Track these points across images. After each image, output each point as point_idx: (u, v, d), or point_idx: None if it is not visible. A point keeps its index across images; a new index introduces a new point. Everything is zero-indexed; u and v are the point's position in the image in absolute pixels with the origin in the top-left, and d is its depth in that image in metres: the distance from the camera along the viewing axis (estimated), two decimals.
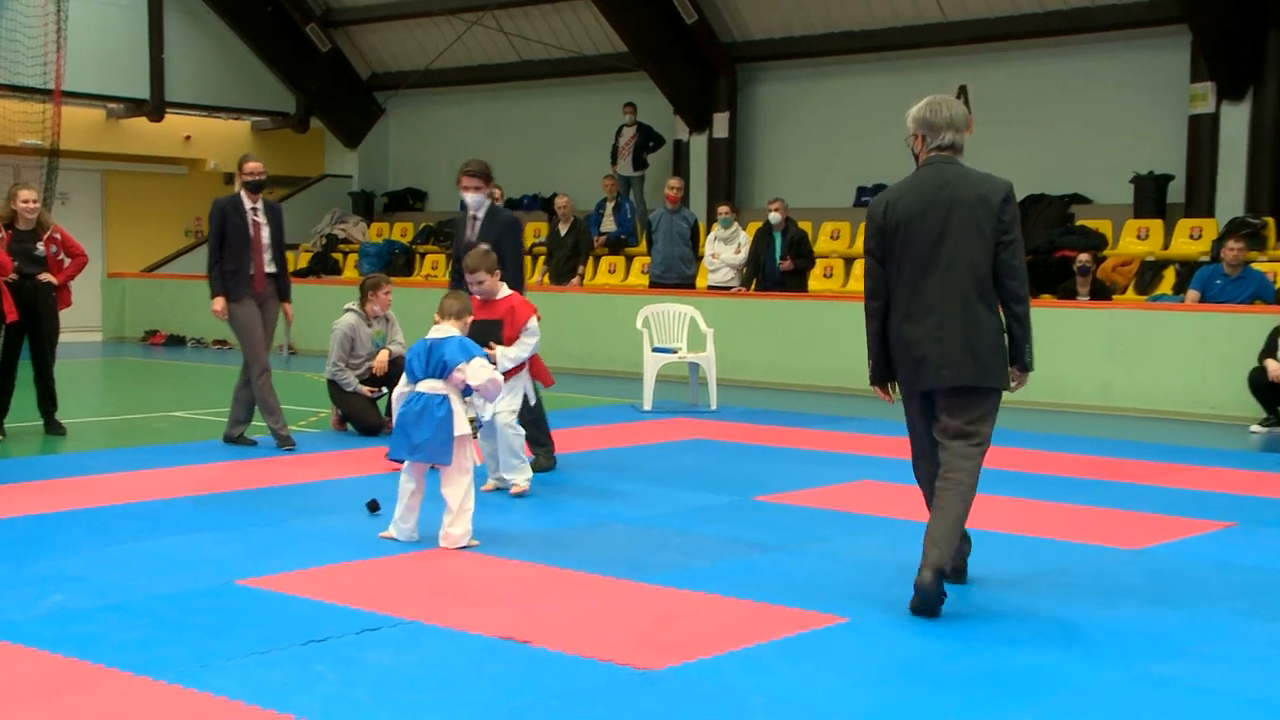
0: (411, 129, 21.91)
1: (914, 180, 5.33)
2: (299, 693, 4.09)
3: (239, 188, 9.13)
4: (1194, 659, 4.59)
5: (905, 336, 5.24)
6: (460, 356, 6.14)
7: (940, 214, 5.18)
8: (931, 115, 5.35)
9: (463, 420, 6.12)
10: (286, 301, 9.25)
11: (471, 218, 8.21)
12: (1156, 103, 14.89)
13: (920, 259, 5.19)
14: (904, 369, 5.30)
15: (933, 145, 5.33)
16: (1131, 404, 11.67)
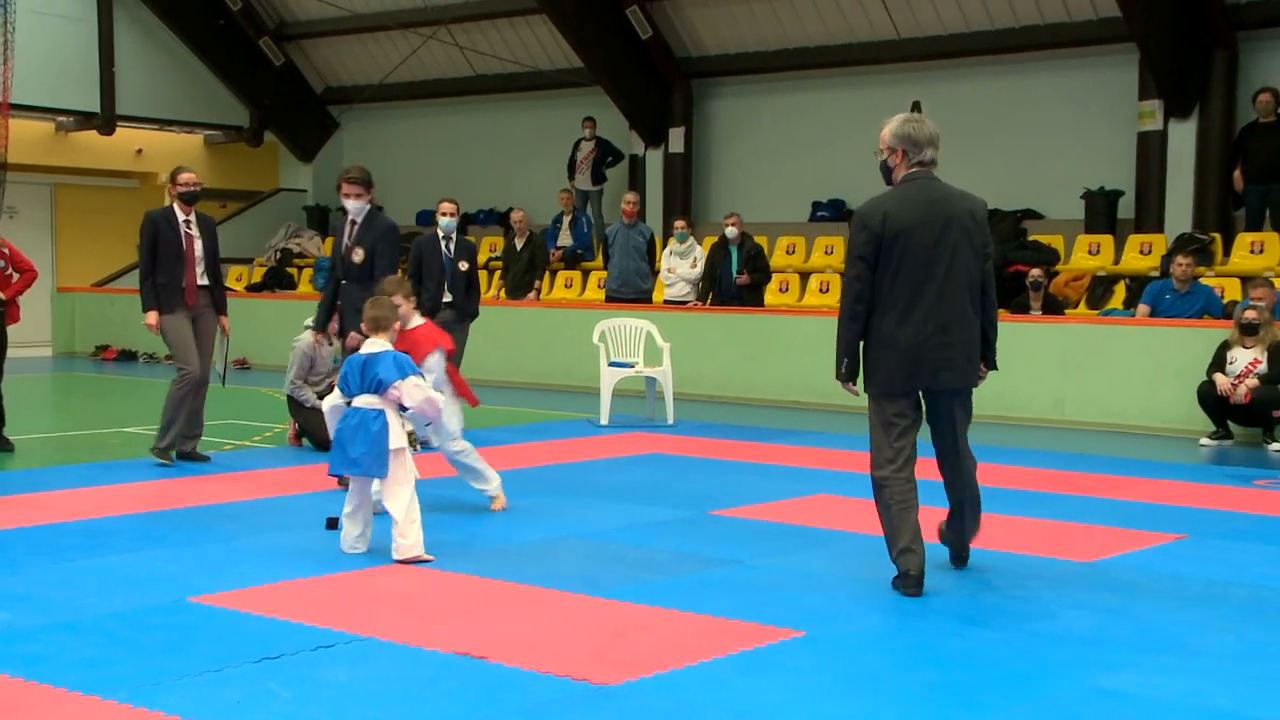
0: (366, 143, 21.83)
1: (904, 193, 5.61)
2: (253, 711, 4.05)
3: (172, 199, 9.06)
4: (1146, 671, 4.62)
5: (900, 340, 5.51)
6: (394, 375, 6.13)
7: (937, 227, 5.53)
8: (914, 132, 5.63)
9: (399, 433, 6.13)
10: (223, 315, 9.19)
11: (350, 222, 8.38)
12: (1107, 119, 15.08)
13: (920, 268, 5.49)
14: (894, 369, 5.54)
15: (914, 161, 5.63)
16: (1084, 418, 11.79)
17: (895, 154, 5.66)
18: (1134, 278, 13.74)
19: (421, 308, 10.93)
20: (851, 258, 5.60)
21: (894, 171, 5.69)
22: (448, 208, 10.97)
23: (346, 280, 8.42)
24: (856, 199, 16.77)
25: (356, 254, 8.21)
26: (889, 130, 5.67)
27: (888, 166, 5.72)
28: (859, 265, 5.55)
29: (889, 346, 5.53)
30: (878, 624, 5.18)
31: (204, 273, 8.99)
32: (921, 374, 5.56)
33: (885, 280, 5.53)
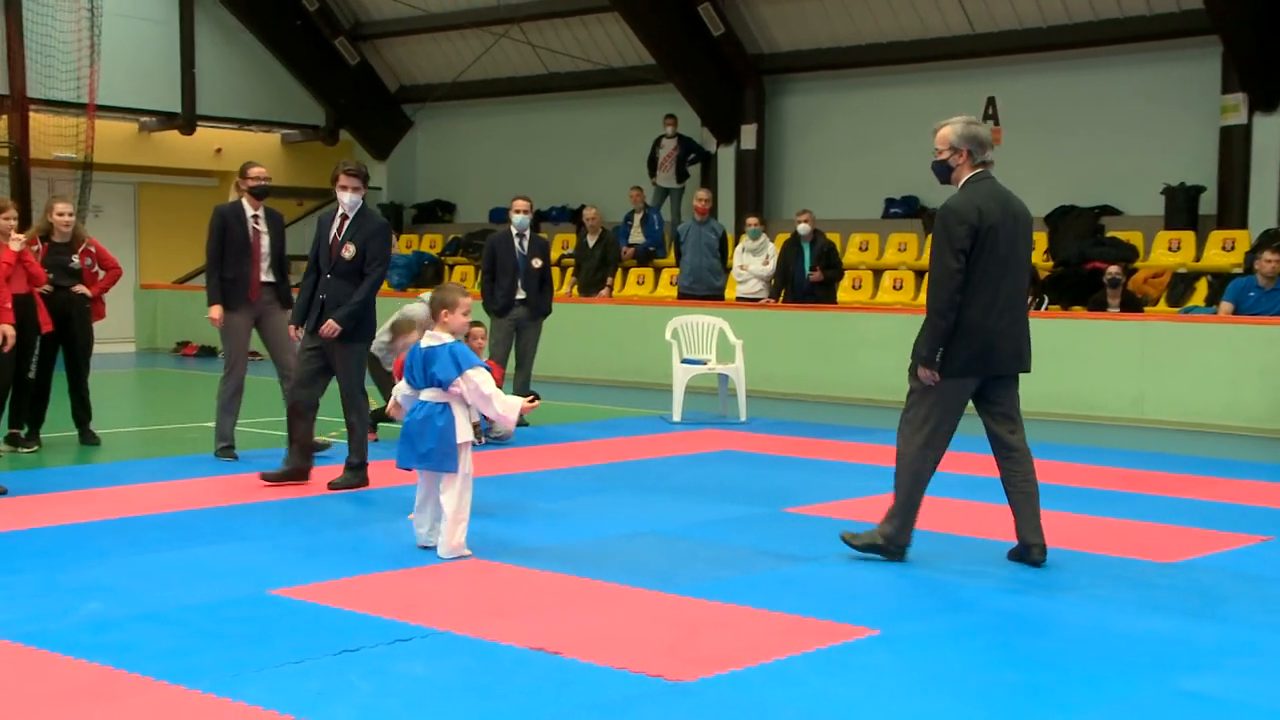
0: (439, 141, 22.01)
1: (984, 191, 5.92)
2: (332, 703, 4.11)
3: (241, 194, 9.14)
4: (1228, 673, 4.55)
5: (985, 328, 5.86)
6: (453, 371, 6.05)
7: (1011, 225, 5.92)
8: (980, 134, 5.97)
9: (465, 428, 6.13)
10: (289, 309, 9.26)
11: (341, 216, 8.08)
12: (1188, 114, 14.82)
13: (1001, 262, 5.87)
14: (972, 356, 5.87)
15: (979, 160, 5.95)
16: (1164, 417, 11.60)
17: (959, 154, 5.96)
18: (1216, 275, 13.50)
19: (495, 304, 11.09)
20: (952, 250, 5.81)
21: (956, 171, 5.97)
22: (521, 205, 11.03)
23: (332, 275, 8.01)
24: (929, 196, 16.65)
25: (348, 250, 7.96)
26: (953, 131, 5.94)
27: (947, 166, 5.99)
28: (960, 258, 5.81)
29: (971, 334, 5.84)
30: (954, 623, 5.14)
31: (269, 268, 9.06)
32: (995, 361, 5.93)
33: (973, 273, 5.83)
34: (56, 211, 9.65)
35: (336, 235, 8.07)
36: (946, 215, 5.87)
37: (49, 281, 9.36)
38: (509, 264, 10.97)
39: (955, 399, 5.98)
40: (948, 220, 5.85)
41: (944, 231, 5.85)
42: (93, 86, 17.66)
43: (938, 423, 5.98)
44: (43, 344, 9.39)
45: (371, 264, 8.06)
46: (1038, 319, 12.67)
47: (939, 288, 5.86)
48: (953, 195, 5.96)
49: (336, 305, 7.97)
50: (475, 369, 6.07)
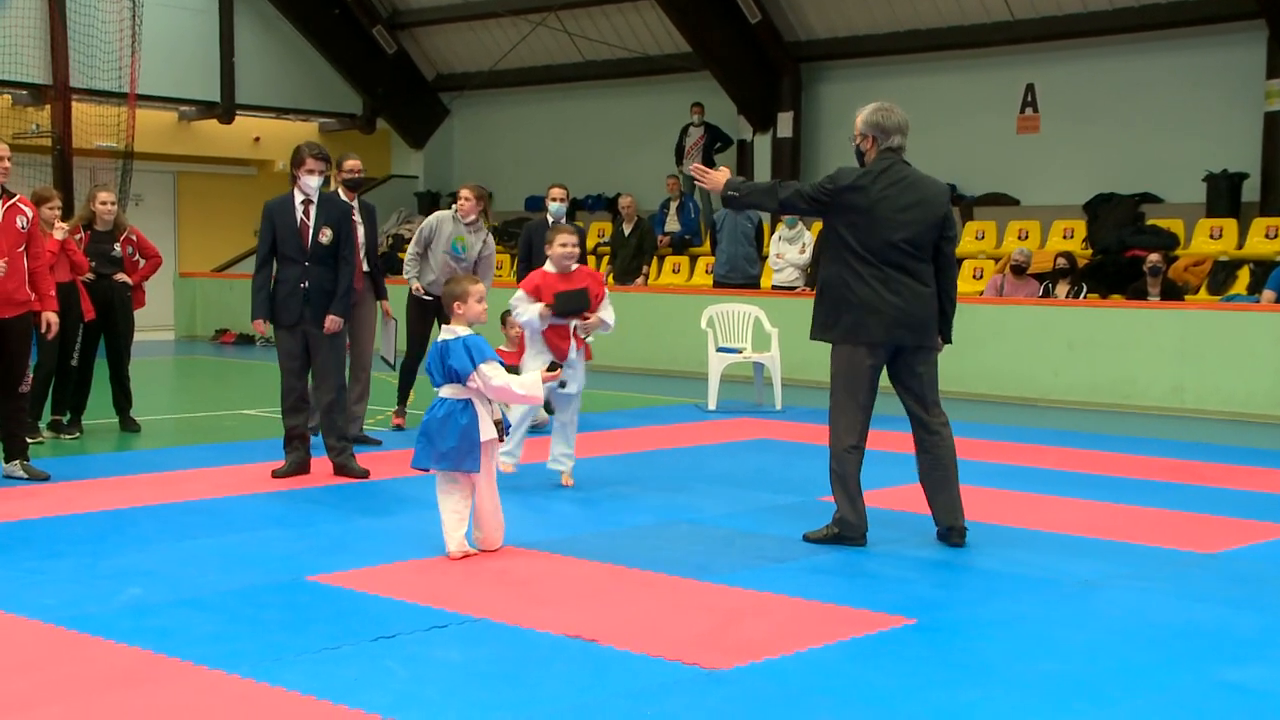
0: (476, 130, 22.05)
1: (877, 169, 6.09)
2: (370, 689, 4.13)
3: (337, 185, 9.24)
4: (1271, 664, 4.51)
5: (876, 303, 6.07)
6: (468, 365, 5.79)
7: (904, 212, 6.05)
8: (886, 120, 6.12)
9: (488, 425, 5.86)
10: (383, 299, 9.39)
11: (305, 202, 7.86)
12: (1231, 99, 14.64)
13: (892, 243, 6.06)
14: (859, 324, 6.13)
15: (885, 146, 6.12)
16: (1204, 406, 11.49)
17: (866, 139, 6.16)
18: (1258, 262, 13.35)
19: None
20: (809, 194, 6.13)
21: (865, 156, 6.19)
22: (558, 193, 11.04)
23: (310, 263, 7.82)
24: (968, 182, 16.56)
25: (325, 235, 7.82)
26: (860, 118, 6.17)
27: (859, 150, 6.21)
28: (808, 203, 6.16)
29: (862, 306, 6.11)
30: (991, 612, 5.11)
31: (364, 257, 9.17)
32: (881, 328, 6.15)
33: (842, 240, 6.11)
34: (99, 200, 9.73)
35: (305, 220, 7.85)
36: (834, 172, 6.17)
37: (91, 270, 9.45)
38: (545, 252, 10.97)
39: (853, 366, 6.21)
40: (830, 175, 6.16)
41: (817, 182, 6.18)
42: (134, 76, 17.78)
43: (840, 392, 6.31)
44: (85, 332, 9.49)
45: (346, 246, 7.96)
46: (1076, 307, 12.65)
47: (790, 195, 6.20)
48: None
49: (322, 292, 7.82)
50: (488, 362, 5.81)
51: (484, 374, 5.79)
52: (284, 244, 7.85)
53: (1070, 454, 9.15)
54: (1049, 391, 12.24)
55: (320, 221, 7.87)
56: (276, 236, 7.87)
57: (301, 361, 7.95)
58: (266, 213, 7.95)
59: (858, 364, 6.17)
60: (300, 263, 7.83)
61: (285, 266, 7.87)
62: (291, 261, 7.85)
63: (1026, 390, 12.41)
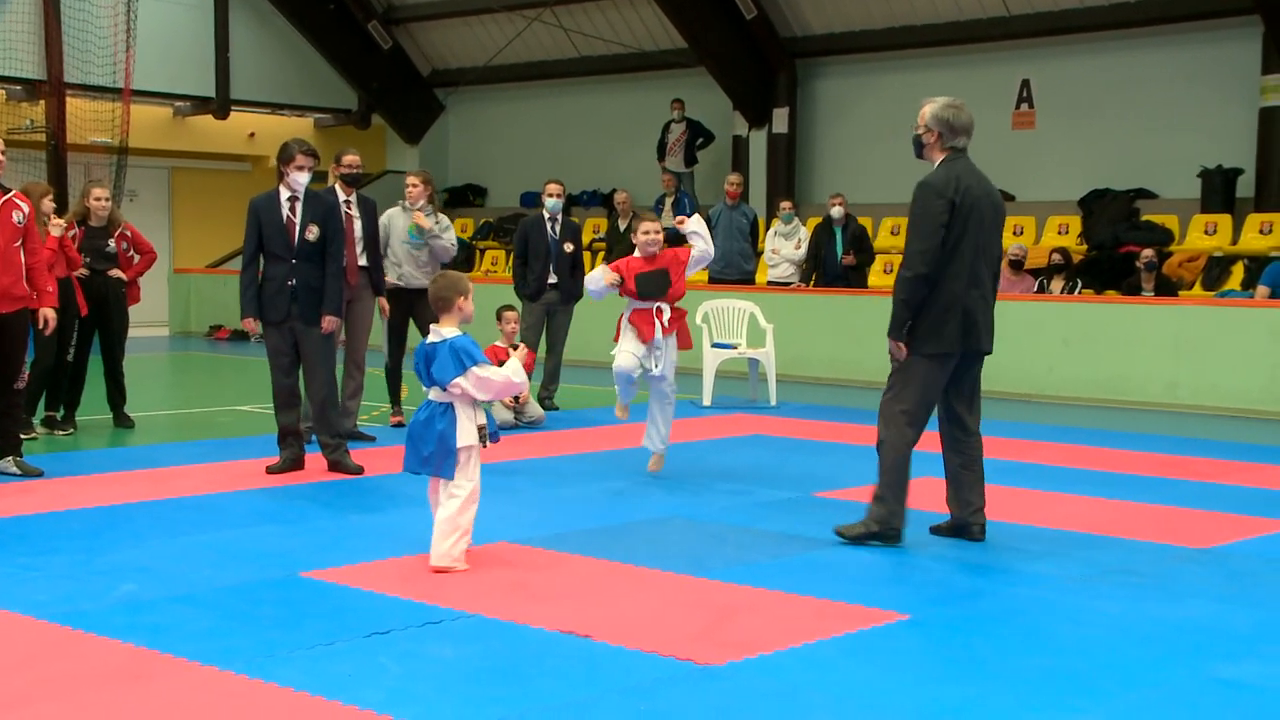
0: (471, 125, 22.04)
1: (962, 167, 6.01)
2: (364, 685, 4.13)
3: (334, 180, 9.24)
4: (1265, 660, 4.51)
5: (969, 304, 5.95)
6: (452, 371, 5.53)
7: (988, 205, 6.02)
8: (955, 119, 6.04)
9: (467, 430, 5.57)
10: (381, 295, 9.40)
11: (291, 198, 7.82)
12: (1226, 95, 14.66)
13: (978, 240, 5.97)
14: (954, 331, 5.94)
15: (949, 145, 6.04)
16: (1199, 401, 11.51)
17: (931, 134, 6.06)
18: (1253, 258, 13.37)
19: (527, 288, 11.10)
20: (930, 226, 5.88)
21: (927, 149, 6.08)
22: (554, 189, 11.03)
23: (298, 260, 7.76)
24: None
25: (312, 232, 7.77)
26: (929, 111, 6.06)
27: (920, 142, 6.10)
28: (940, 231, 5.88)
29: (951, 309, 5.92)
30: (984, 608, 5.12)
31: (362, 252, 9.15)
32: (978, 338, 6.02)
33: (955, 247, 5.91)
34: (94, 196, 9.71)
35: (291, 217, 7.80)
36: (924, 190, 5.94)
37: (85, 265, 9.44)
38: (541, 248, 10.98)
39: (939, 375, 6.04)
40: (925, 195, 5.92)
41: (921, 206, 5.92)
42: (129, 71, 17.76)
43: (919, 401, 6.06)
44: (80, 328, 9.48)
45: (334, 243, 7.92)
46: (1071, 303, 12.66)
47: (914, 263, 5.89)
48: (933, 172, 6.01)
49: (309, 290, 7.78)
50: (479, 365, 5.54)
51: (476, 377, 5.54)
52: (270, 241, 7.81)
53: (1065, 449, 9.16)
54: (1044, 387, 12.25)
55: (307, 218, 7.84)
56: (263, 234, 7.82)
57: (290, 359, 7.92)
58: (252, 210, 7.89)
59: (945, 371, 6.07)
60: (287, 260, 7.78)
61: (272, 264, 7.83)
62: (278, 259, 7.80)
63: (1022, 386, 12.41)
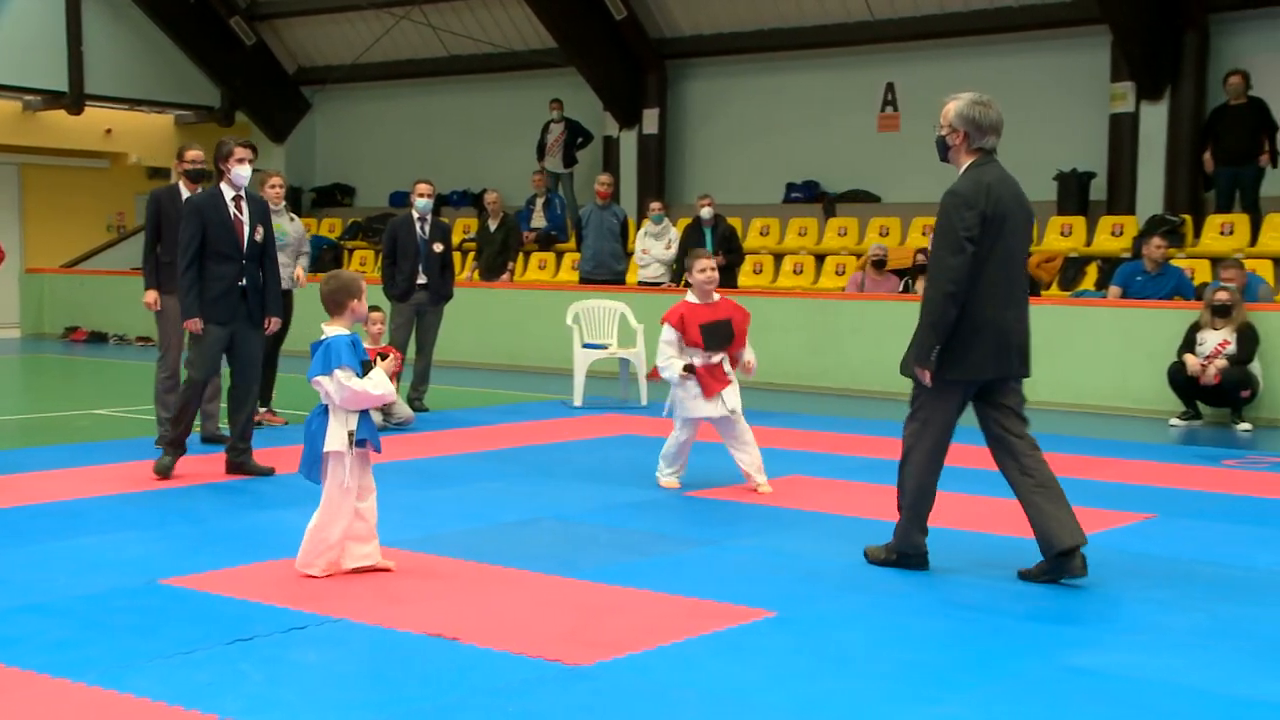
0: (339, 124, 21.71)
1: (993, 175, 5.46)
2: (223, 693, 4.04)
3: (178, 177, 9.01)
4: (1115, 649, 4.66)
5: (1002, 324, 5.42)
6: (318, 369, 5.37)
7: (1021, 213, 5.50)
8: (982, 116, 5.53)
9: (336, 435, 5.37)
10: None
11: (235, 196, 7.71)
12: (1079, 101, 15.12)
13: (1012, 251, 5.44)
14: (984, 355, 5.42)
15: (977, 146, 5.51)
16: (1056, 399, 11.83)
17: (956, 134, 5.54)
18: (1106, 259, 13.81)
19: (396, 289, 10.97)
20: (958, 239, 5.32)
21: (952, 151, 5.57)
22: (424, 189, 10.93)
23: (247, 261, 7.69)
24: (830, 180, 16.83)
25: (259, 232, 7.73)
26: (954, 109, 5.56)
27: (944, 144, 5.58)
28: (969, 245, 5.32)
29: (987, 331, 5.39)
30: (850, 604, 5.19)
31: None
32: (1016, 361, 5.52)
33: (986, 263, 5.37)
34: None
35: (239, 216, 7.73)
36: (951, 200, 5.40)
37: None
38: (410, 248, 10.87)
39: (950, 404, 5.57)
40: (953, 205, 5.38)
41: (948, 218, 5.37)
42: None
43: (943, 426, 5.59)
44: None
45: (271, 244, 7.92)
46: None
47: (941, 280, 5.34)
48: (958, 179, 5.50)
49: (257, 291, 7.78)
50: (341, 368, 5.33)
51: (338, 381, 5.33)
52: (218, 241, 7.64)
53: None
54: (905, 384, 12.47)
55: (255, 219, 7.76)
56: (207, 234, 7.64)
57: (221, 352, 7.82)
58: (194, 209, 7.73)
59: (967, 398, 5.63)
60: (237, 260, 7.68)
61: (219, 264, 7.66)
62: (226, 259, 7.67)
63: (887, 384, 12.61)
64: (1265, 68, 13.74)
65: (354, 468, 5.41)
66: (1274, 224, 13.38)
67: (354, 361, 5.40)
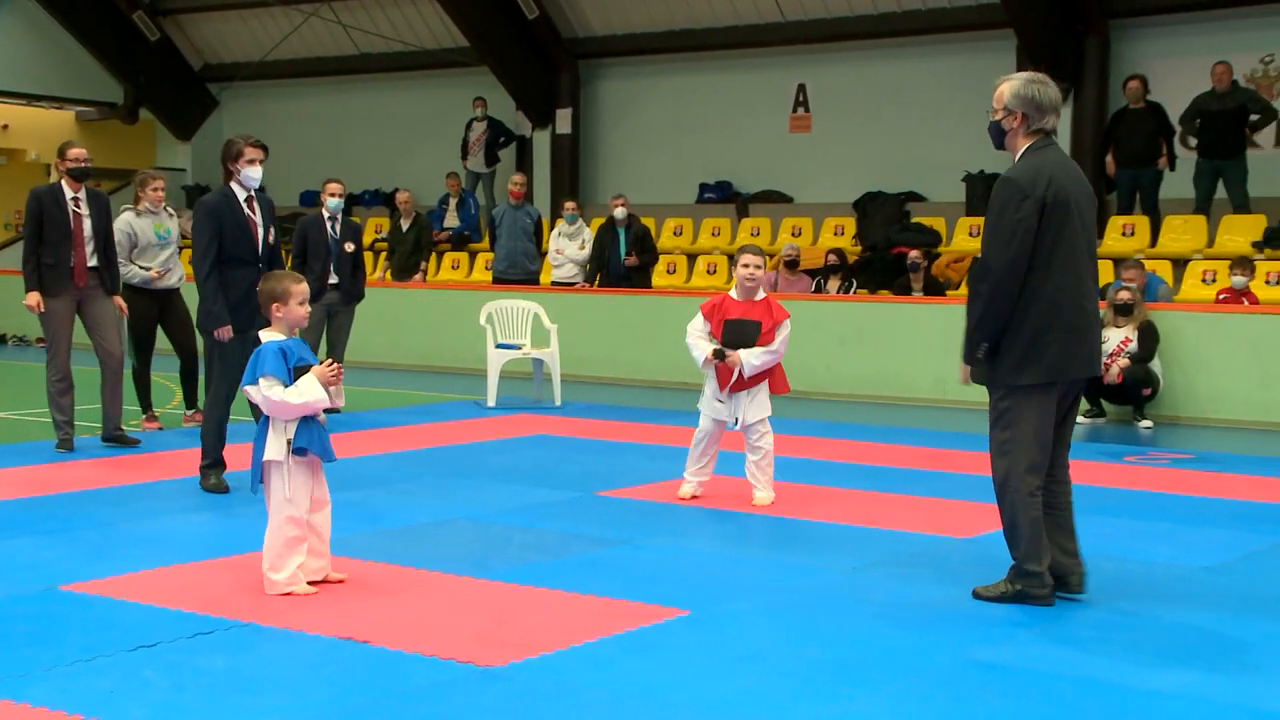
0: (247, 122, 21.35)
1: (1052, 159, 5.09)
2: (126, 701, 3.95)
3: (59, 176, 8.80)
4: (1020, 643, 4.73)
5: (1080, 321, 5.02)
6: (247, 377, 5.27)
7: (1085, 199, 5.10)
8: (1042, 95, 5.11)
9: (275, 443, 5.25)
10: (115, 294, 8.95)
11: (247, 197, 7.48)
12: (986, 103, 15.17)
13: (1079, 240, 5.03)
14: (1061, 355, 4.98)
15: (1036, 127, 5.12)
16: (966, 397, 11.99)
17: (1013, 116, 5.16)
18: None
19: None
20: (1010, 230, 4.94)
21: (1009, 136, 5.18)
22: (335, 188, 10.80)
23: (263, 264, 7.42)
24: (743, 180, 16.94)
25: (271, 234, 7.51)
26: (1009, 89, 5.17)
27: (1000, 129, 5.21)
28: (1027, 236, 4.93)
29: (1064, 327, 4.97)
30: (762, 602, 5.22)
31: (94, 253, 8.69)
32: (1095, 360, 5.11)
33: (1053, 255, 4.97)
34: None
35: (253, 218, 7.42)
36: (1005, 188, 5.00)
37: None
38: (321, 248, 10.74)
39: (1049, 408, 5.07)
40: (1007, 194, 4.98)
41: (1001, 207, 4.98)
42: None
43: (1034, 443, 5.08)
44: None
45: (279, 250, 7.63)
46: (846, 302, 13.06)
47: (991, 275, 4.97)
48: (1015, 164, 5.11)
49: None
50: (264, 377, 5.22)
51: (260, 391, 5.21)
52: (235, 245, 7.33)
53: (841, 445, 9.43)
54: (821, 385, 12.59)
55: (267, 220, 7.52)
56: (224, 237, 7.30)
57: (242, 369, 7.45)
58: (210, 211, 7.33)
59: (1054, 401, 5.13)
60: (254, 264, 7.38)
61: (236, 268, 7.33)
62: (243, 263, 7.35)
63: (799, 384, 12.65)
64: (1163, 72, 14.08)
65: (296, 478, 5.26)
66: (1173, 226, 13.70)
67: (279, 369, 5.26)
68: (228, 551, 5.90)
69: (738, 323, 7.05)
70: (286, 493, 5.25)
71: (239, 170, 7.44)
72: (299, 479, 5.28)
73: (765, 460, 7.14)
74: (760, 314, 7.06)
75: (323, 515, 5.40)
